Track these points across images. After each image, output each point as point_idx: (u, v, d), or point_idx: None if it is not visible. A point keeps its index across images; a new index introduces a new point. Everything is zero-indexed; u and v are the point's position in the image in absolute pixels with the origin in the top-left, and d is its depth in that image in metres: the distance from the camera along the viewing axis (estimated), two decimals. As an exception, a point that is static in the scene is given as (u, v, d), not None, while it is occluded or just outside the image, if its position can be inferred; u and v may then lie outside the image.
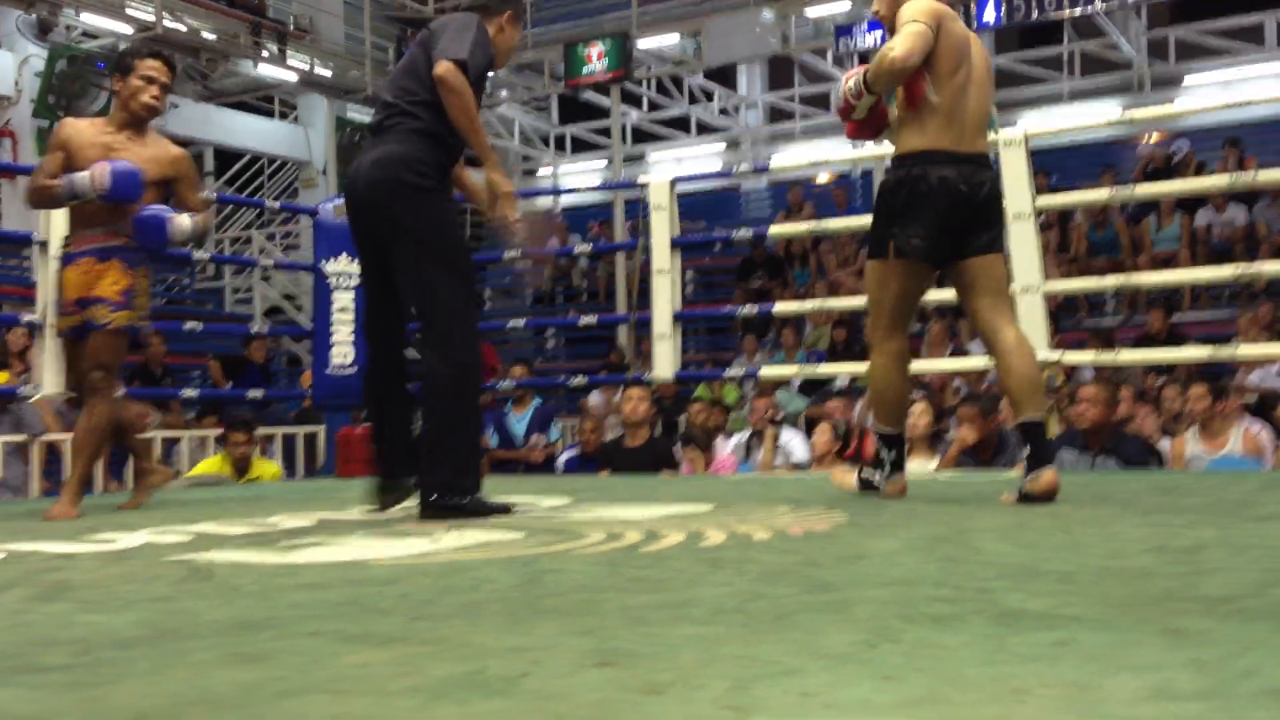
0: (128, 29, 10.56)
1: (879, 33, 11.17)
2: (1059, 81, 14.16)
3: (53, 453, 6.23)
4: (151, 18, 10.75)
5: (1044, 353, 4.80)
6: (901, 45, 3.15)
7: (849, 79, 3.32)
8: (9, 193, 10.59)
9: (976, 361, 7.15)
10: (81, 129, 3.77)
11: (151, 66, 3.79)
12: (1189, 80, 13.59)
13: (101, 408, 3.73)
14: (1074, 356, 5.38)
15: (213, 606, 1.76)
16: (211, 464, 6.12)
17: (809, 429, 7.87)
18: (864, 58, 12.53)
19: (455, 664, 1.28)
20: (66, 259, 3.82)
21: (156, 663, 1.34)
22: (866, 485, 3.43)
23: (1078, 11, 10.77)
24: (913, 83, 3.22)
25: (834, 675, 1.19)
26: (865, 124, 3.39)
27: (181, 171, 3.88)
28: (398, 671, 1.26)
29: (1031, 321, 4.77)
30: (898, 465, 3.41)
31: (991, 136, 4.47)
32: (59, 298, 3.85)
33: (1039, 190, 5.01)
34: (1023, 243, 4.80)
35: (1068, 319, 10.02)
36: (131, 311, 3.73)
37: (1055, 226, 10.38)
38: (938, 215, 3.21)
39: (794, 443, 6.55)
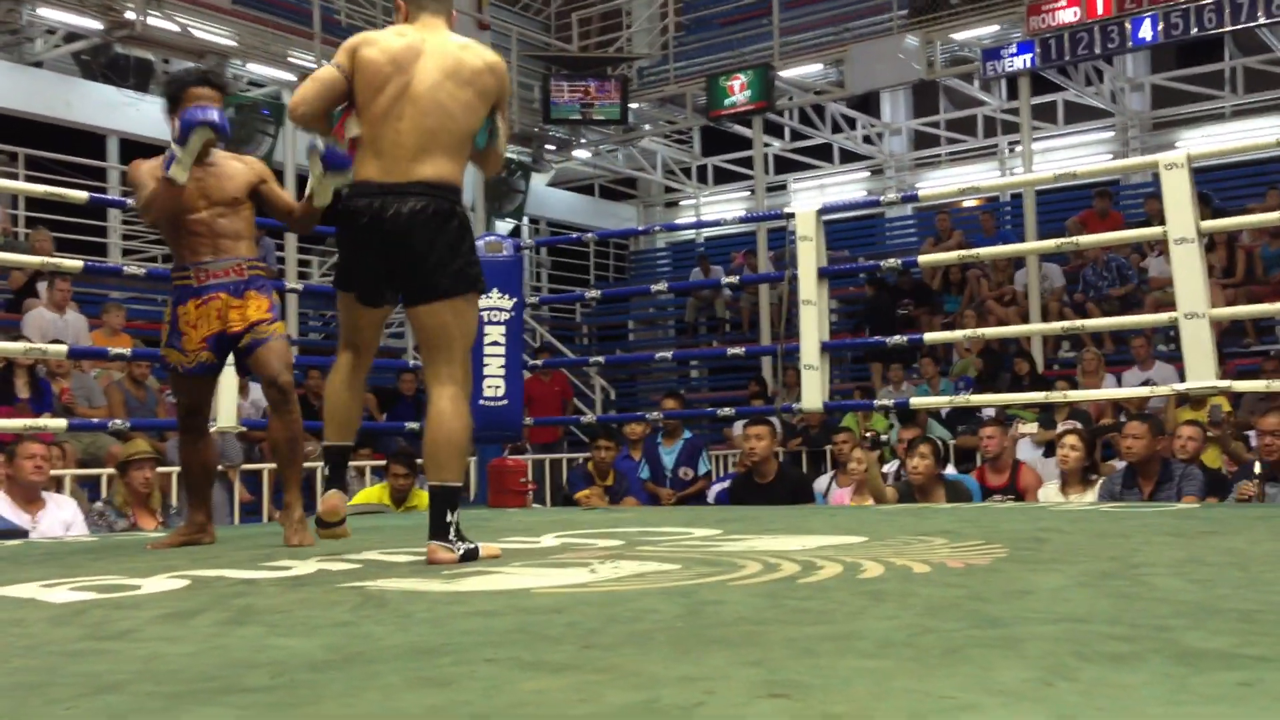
0: (291, 77, 11.07)
1: (1028, 55, 10.95)
2: (1221, 99, 13.64)
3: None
4: (313, 65, 11.26)
5: (1210, 381, 4.63)
6: (296, 93, 3.17)
7: None
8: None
9: (1134, 391, 6.92)
10: (151, 164, 3.68)
11: (202, 95, 3.61)
12: (1361, 92, 12.94)
13: (296, 414, 3.67)
14: (1243, 385, 5.17)
15: (390, 632, 1.84)
16: (372, 493, 6.34)
17: (959, 457, 7.74)
18: (1011, 81, 12.31)
19: (630, 692, 1.31)
20: (189, 292, 3.66)
21: (349, 685, 1.41)
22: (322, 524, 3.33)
23: (1239, 26, 10.37)
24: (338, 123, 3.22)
25: (1011, 712, 1.18)
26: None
27: (263, 173, 3.83)
28: (576, 698, 1.29)
29: (1197, 349, 4.60)
30: (334, 480, 3.29)
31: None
32: (176, 333, 3.66)
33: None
34: (1186, 268, 4.64)
35: (1234, 344, 9.62)
36: (283, 322, 3.75)
37: (1220, 248, 9.98)
38: (351, 249, 3.14)
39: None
